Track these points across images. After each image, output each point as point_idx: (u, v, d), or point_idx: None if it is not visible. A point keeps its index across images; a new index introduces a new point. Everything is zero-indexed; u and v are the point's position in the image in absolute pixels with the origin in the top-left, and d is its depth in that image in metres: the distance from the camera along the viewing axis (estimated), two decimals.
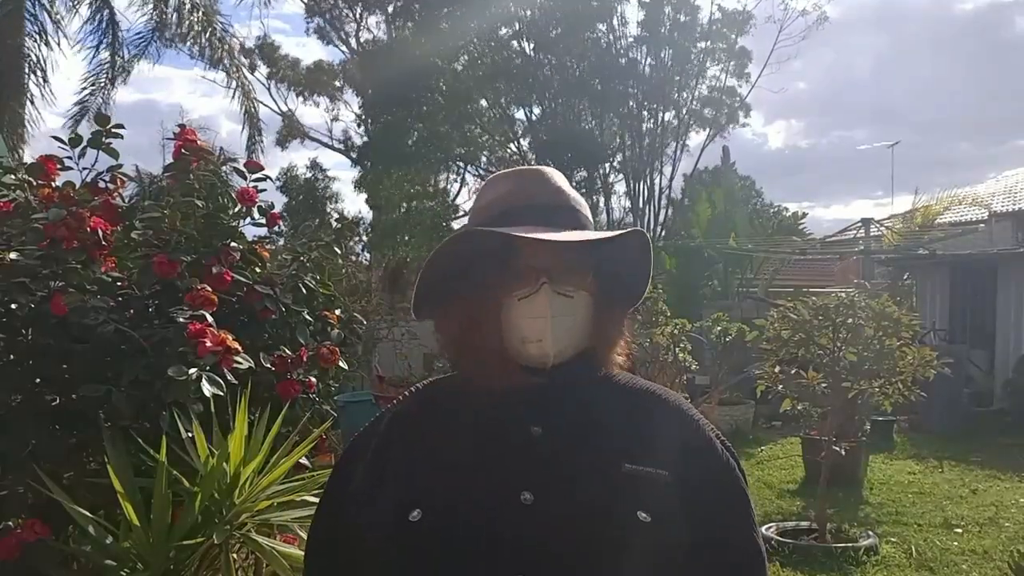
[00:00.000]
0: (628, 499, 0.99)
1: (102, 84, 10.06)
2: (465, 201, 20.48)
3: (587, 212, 1.12)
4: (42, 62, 9.43)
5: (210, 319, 2.52)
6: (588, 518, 0.97)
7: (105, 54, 9.94)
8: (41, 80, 9.45)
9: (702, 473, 1.06)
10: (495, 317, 1.04)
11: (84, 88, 10.02)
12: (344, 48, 21.87)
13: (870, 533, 5.46)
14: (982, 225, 14.38)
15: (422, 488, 0.99)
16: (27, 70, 9.28)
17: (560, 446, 1.01)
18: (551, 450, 1.01)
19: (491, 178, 1.15)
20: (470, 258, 1.05)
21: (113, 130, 2.89)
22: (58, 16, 9.54)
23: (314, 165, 22.93)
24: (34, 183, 2.85)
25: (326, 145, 23.20)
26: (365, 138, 19.16)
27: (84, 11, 9.70)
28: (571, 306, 1.04)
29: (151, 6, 10.01)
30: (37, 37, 9.34)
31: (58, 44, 9.56)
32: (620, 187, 16.50)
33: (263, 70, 21.92)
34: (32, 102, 9.45)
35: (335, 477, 1.14)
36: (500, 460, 1.00)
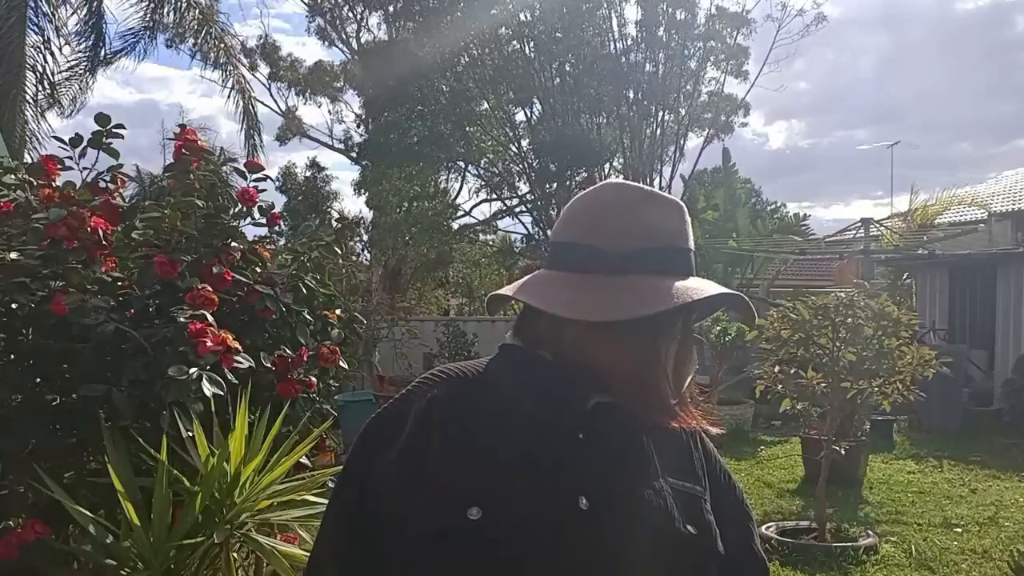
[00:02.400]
0: (677, 512, 1.00)
1: (80, 74, 10.03)
2: (465, 201, 20.54)
3: None
4: (48, 73, 9.44)
5: (210, 319, 2.53)
6: (642, 528, 0.97)
7: (87, 44, 9.93)
8: (47, 89, 9.45)
9: (717, 491, 1.09)
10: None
11: (61, 74, 9.99)
12: (344, 48, 21.92)
13: (870, 532, 5.46)
14: (981, 225, 14.39)
15: (480, 485, 0.95)
16: (35, 80, 9.29)
17: (604, 454, 1.00)
18: (597, 457, 1.00)
19: (649, 194, 1.10)
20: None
21: (113, 130, 2.90)
22: (60, 24, 9.56)
23: (313, 164, 22.99)
24: (35, 183, 2.86)
25: (326, 145, 23.23)
26: (365, 137, 19.17)
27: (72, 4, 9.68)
28: None
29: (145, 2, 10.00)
30: (41, 48, 9.36)
31: (60, 51, 9.57)
32: None
33: (264, 70, 21.98)
34: (43, 115, 9.45)
35: (353, 467, 1.06)
36: (553, 463, 0.98)
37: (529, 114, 15.77)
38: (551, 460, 0.98)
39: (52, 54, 9.46)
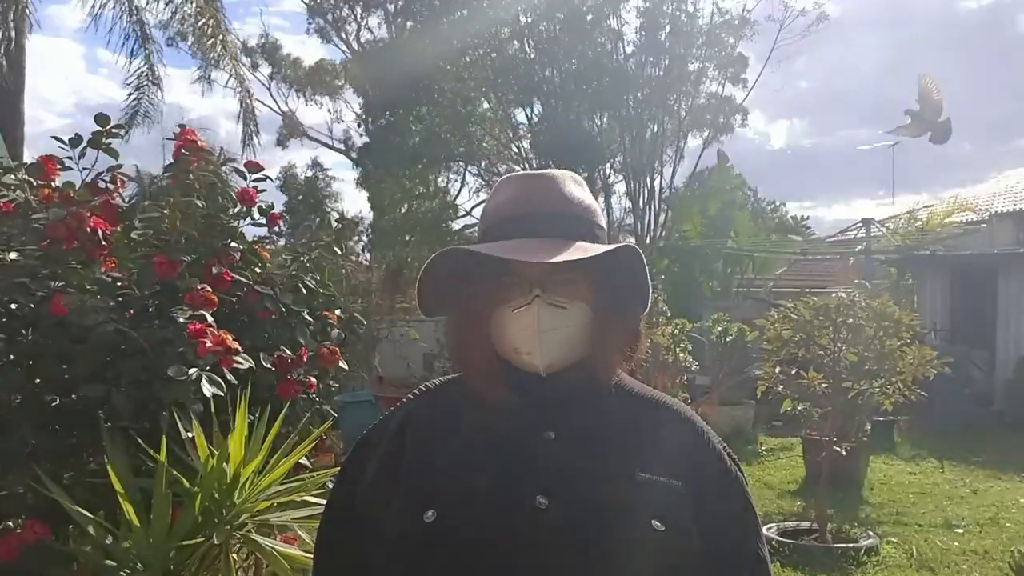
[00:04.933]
0: (643, 507, 0.99)
1: (145, 88, 10.18)
2: (466, 201, 20.53)
3: (594, 217, 1.10)
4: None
5: (210, 319, 2.52)
6: (603, 525, 0.97)
7: (138, 62, 10.05)
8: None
9: (711, 484, 1.06)
10: (487, 327, 1.06)
11: (131, 94, 10.20)
12: (344, 48, 21.92)
13: (870, 533, 5.45)
14: (983, 226, 14.38)
15: (436, 489, 0.99)
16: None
17: (573, 452, 1.01)
18: (565, 456, 1.01)
19: (502, 180, 1.16)
20: (468, 266, 1.06)
21: (113, 130, 2.89)
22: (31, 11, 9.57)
23: (314, 164, 23.00)
24: (34, 183, 2.85)
25: (327, 145, 23.23)
26: (366, 138, 19.18)
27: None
28: (565, 317, 1.04)
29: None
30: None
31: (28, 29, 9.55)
32: (620, 187, 16.50)
33: (265, 70, 21.99)
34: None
35: (344, 474, 1.14)
36: (514, 463, 1.00)
37: (530, 114, 15.77)
38: (515, 460, 1.00)
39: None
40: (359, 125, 20.93)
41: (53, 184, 2.83)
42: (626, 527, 0.98)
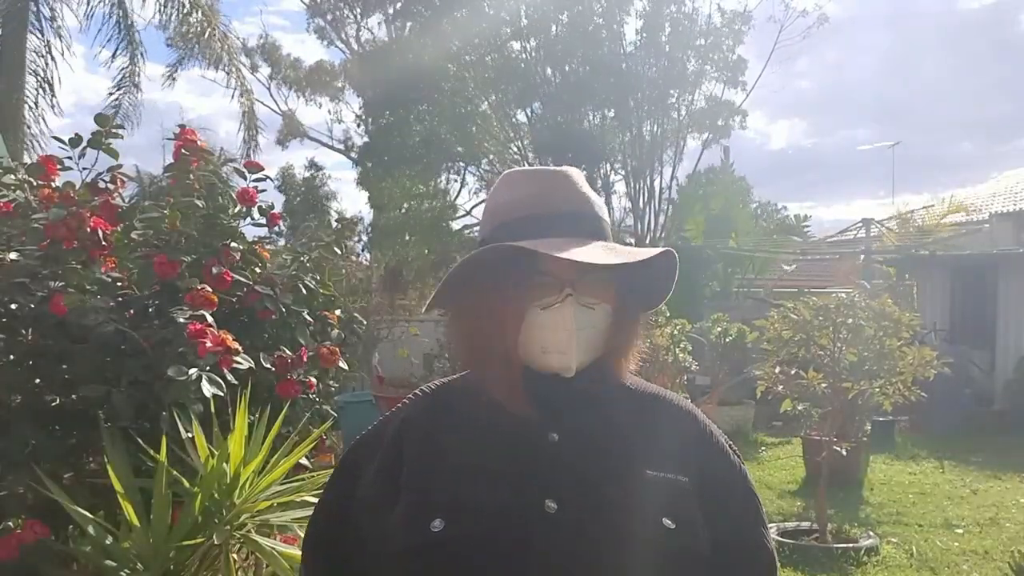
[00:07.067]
0: (653, 506, 0.98)
1: (126, 87, 10.25)
2: (466, 201, 20.52)
3: (607, 216, 1.10)
4: (49, 77, 9.50)
5: (210, 319, 2.52)
6: (614, 526, 0.96)
7: (123, 59, 10.10)
8: (48, 91, 9.50)
9: (717, 479, 1.06)
10: (514, 327, 1.02)
11: (113, 93, 10.27)
12: (344, 48, 21.93)
13: (871, 533, 5.45)
14: (984, 226, 14.37)
15: (442, 497, 0.97)
16: (34, 84, 9.37)
17: (579, 453, 1.00)
18: (571, 457, 0.99)
19: (510, 175, 1.12)
20: (493, 262, 1.03)
21: (113, 130, 2.89)
22: (59, 27, 9.64)
23: (312, 164, 23.01)
24: (34, 183, 2.85)
25: (326, 145, 23.26)
26: (366, 138, 19.18)
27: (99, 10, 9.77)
28: (593, 317, 1.03)
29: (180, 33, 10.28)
30: (45, 53, 9.42)
31: (63, 53, 9.64)
32: (620, 187, 16.49)
33: (264, 71, 22.01)
34: (43, 118, 9.54)
35: (339, 477, 1.11)
36: (520, 467, 0.98)
37: (530, 114, 15.77)
38: (519, 464, 0.98)
39: (52, 56, 9.55)
40: (359, 125, 20.96)
41: (53, 184, 2.83)
42: (637, 527, 0.96)
